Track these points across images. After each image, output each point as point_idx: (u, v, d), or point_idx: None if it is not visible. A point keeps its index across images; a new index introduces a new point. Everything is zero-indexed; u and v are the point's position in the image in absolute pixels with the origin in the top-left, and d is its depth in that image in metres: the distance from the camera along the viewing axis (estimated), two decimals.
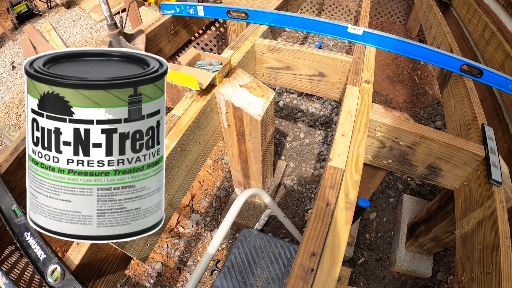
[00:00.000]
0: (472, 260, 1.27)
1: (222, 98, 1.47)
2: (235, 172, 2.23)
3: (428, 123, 3.42)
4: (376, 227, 2.59)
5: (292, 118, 3.56)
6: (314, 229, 0.95)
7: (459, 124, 1.76)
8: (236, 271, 1.63)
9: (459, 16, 3.06)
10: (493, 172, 1.30)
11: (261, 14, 2.01)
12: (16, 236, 1.16)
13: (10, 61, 5.39)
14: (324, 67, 1.80)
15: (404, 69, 4.05)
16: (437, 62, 1.77)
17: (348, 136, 1.25)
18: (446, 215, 1.78)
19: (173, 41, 2.48)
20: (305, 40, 4.86)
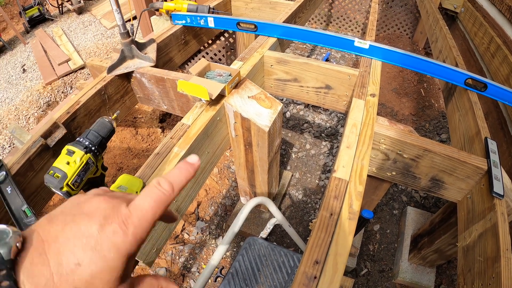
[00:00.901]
0: (473, 272, 1.29)
1: (231, 108, 1.50)
2: (241, 181, 2.26)
3: (433, 135, 3.43)
4: (380, 238, 2.60)
5: (299, 129, 3.59)
6: (318, 238, 0.98)
7: (463, 137, 1.78)
8: (240, 278, 1.65)
9: (465, 29, 3.09)
10: (495, 185, 1.32)
11: (270, 27, 2.05)
12: None
13: (21, 64, 5.48)
14: (331, 80, 1.83)
15: (410, 82, 4.08)
16: (442, 76, 1.80)
17: (353, 148, 1.28)
18: (449, 227, 1.79)
19: (183, 50, 2.53)
20: (312, 52, 4.91)
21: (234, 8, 3.08)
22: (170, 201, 0.47)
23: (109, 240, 0.41)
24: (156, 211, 0.45)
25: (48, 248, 0.39)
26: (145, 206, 0.44)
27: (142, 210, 0.44)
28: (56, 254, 0.39)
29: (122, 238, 0.42)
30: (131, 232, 0.42)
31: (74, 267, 0.38)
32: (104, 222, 0.42)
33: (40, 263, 0.38)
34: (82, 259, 0.39)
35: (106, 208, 0.44)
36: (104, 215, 0.43)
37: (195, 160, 0.51)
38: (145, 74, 1.88)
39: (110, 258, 0.41)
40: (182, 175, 0.49)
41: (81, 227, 0.41)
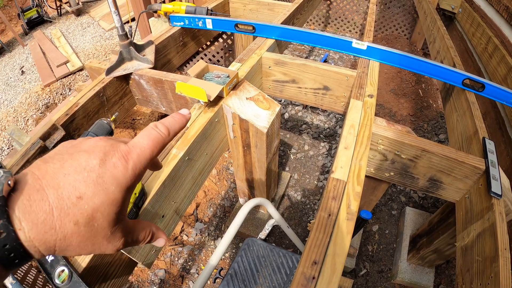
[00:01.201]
0: (472, 271, 1.29)
1: (229, 110, 1.51)
2: (240, 183, 2.26)
3: (432, 136, 3.44)
4: (379, 239, 2.61)
5: (297, 130, 3.59)
6: (316, 239, 0.98)
7: (461, 137, 1.79)
8: (239, 279, 1.65)
9: (463, 30, 3.10)
10: (493, 184, 1.32)
11: (268, 28, 2.05)
12: None
13: (20, 66, 5.47)
14: (329, 81, 1.84)
15: (408, 83, 4.09)
16: (440, 77, 1.80)
17: (351, 149, 1.28)
18: (447, 227, 1.80)
19: (181, 52, 2.53)
20: (311, 53, 4.92)
21: (232, 9, 3.09)
22: (166, 143, 0.49)
23: (111, 174, 0.42)
24: (154, 149, 0.47)
25: (46, 184, 0.38)
26: (143, 144, 0.46)
27: (141, 147, 0.46)
28: (56, 189, 0.38)
29: (122, 171, 0.43)
30: (131, 166, 0.44)
31: (75, 201, 0.39)
32: (104, 157, 0.43)
33: (38, 199, 0.37)
34: (84, 192, 0.39)
35: (105, 145, 0.44)
36: (104, 151, 0.43)
37: (187, 112, 0.54)
38: (143, 76, 1.88)
39: (111, 191, 0.41)
40: (176, 122, 0.52)
41: (81, 162, 0.41)
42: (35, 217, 0.36)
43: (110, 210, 0.42)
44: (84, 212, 0.39)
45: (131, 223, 0.49)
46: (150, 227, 0.54)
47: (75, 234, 0.39)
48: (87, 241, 0.41)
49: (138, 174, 0.45)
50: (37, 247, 0.37)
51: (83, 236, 0.40)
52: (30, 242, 0.37)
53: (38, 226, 0.37)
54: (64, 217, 0.38)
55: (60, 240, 0.38)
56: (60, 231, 0.38)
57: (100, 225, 0.41)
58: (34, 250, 0.37)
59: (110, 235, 0.43)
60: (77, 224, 0.39)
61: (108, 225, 0.42)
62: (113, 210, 0.42)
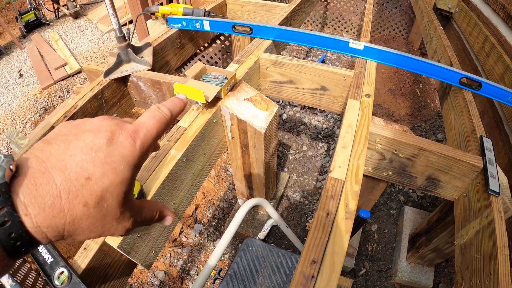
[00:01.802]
0: (471, 269, 1.29)
1: (227, 111, 1.51)
2: (238, 183, 2.26)
3: (430, 135, 3.45)
4: (378, 238, 2.61)
5: (295, 130, 3.60)
6: (315, 238, 0.98)
7: (459, 136, 1.79)
8: (238, 280, 1.65)
9: (460, 29, 3.11)
10: (491, 182, 1.33)
11: (265, 29, 2.06)
12: None
13: (18, 69, 5.47)
14: (326, 81, 1.84)
15: (406, 82, 4.10)
16: (437, 76, 1.81)
17: (349, 149, 1.29)
18: (446, 226, 1.80)
19: (179, 54, 2.54)
20: (308, 54, 4.93)
21: (229, 11, 3.09)
22: (168, 124, 0.51)
23: (119, 153, 0.41)
24: (159, 129, 0.48)
25: (52, 166, 0.37)
26: (149, 124, 0.47)
27: (147, 126, 0.46)
28: (62, 170, 0.37)
29: (130, 150, 0.43)
30: (138, 145, 0.44)
31: (84, 182, 0.38)
32: (112, 136, 0.42)
33: (44, 182, 0.36)
34: (92, 173, 0.39)
35: (110, 124, 0.44)
36: (110, 130, 0.43)
37: (184, 97, 0.56)
38: (141, 77, 1.88)
39: (120, 170, 0.41)
40: (176, 105, 0.53)
41: (88, 142, 0.40)
42: (41, 201, 0.35)
43: (119, 190, 0.41)
44: (94, 193, 0.38)
45: (138, 202, 0.49)
46: (157, 206, 0.54)
47: (85, 216, 0.39)
48: (97, 222, 0.40)
49: (145, 152, 0.45)
50: (44, 232, 0.36)
51: (93, 217, 0.39)
52: (37, 228, 0.36)
53: (45, 211, 0.36)
54: (73, 199, 0.37)
55: (69, 224, 0.38)
56: (69, 214, 0.37)
57: (110, 205, 0.41)
58: (41, 236, 0.36)
59: (120, 215, 0.43)
60: (86, 205, 0.38)
61: (118, 205, 0.42)
62: (122, 189, 0.42)
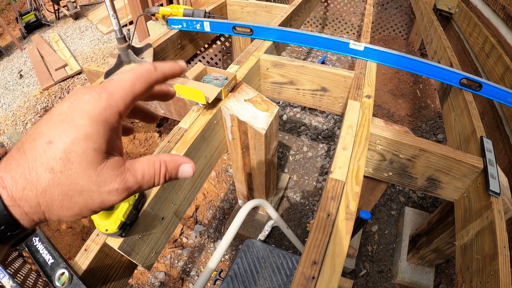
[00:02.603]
0: (472, 270, 1.29)
1: (228, 112, 1.51)
2: (239, 184, 2.27)
3: (430, 136, 3.45)
4: (378, 239, 2.61)
5: (296, 131, 3.60)
6: (316, 239, 0.98)
7: (459, 137, 1.79)
8: (239, 281, 1.65)
9: (460, 30, 3.11)
10: (491, 183, 1.33)
11: (265, 30, 2.06)
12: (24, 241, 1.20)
13: (18, 70, 5.46)
14: (327, 82, 1.84)
15: (406, 83, 4.10)
16: (437, 76, 1.81)
17: (349, 150, 1.29)
18: (446, 226, 1.80)
19: (179, 55, 2.54)
20: (308, 55, 4.93)
21: (230, 12, 3.10)
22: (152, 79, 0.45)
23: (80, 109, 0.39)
24: (134, 82, 0.43)
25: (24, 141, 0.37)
26: (123, 77, 0.43)
27: (120, 80, 0.42)
28: (30, 142, 0.37)
29: (93, 103, 0.39)
30: (104, 97, 0.40)
31: (46, 147, 0.37)
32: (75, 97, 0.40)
33: (17, 156, 0.36)
34: (53, 135, 0.37)
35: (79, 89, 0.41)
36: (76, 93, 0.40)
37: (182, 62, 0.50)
38: None
39: (80, 125, 0.38)
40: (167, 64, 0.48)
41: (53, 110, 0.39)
42: (14, 173, 0.36)
43: (85, 147, 0.38)
44: (57, 156, 0.37)
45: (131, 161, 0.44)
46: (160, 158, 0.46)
47: (54, 183, 0.36)
48: (70, 189, 0.38)
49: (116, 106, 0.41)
50: (21, 207, 0.36)
51: (63, 184, 0.37)
52: (13, 201, 0.35)
53: (18, 182, 0.35)
54: (38, 167, 0.36)
55: (41, 195, 0.36)
56: (38, 184, 0.36)
57: (79, 167, 0.38)
58: (19, 212, 0.36)
59: (97, 177, 0.39)
60: (52, 171, 0.36)
61: (88, 164, 0.38)
62: (89, 145, 0.38)
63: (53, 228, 2.61)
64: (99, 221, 0.95)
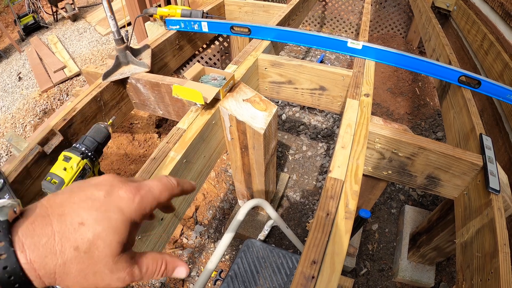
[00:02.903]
0: (472, 267, 1.29)
1: (226, 112, 1.51)
2: (238, 184, 2.26)
3: (429, 134, 3.45)
4: (379, 238, 2.61)
5: (295, 131, 3.59)
6: (315, 238, 0.98)
7: (458, 134, 1.79)
8: (239, 281, 1.65)
9: (458, 27, 3.11)
10: (491, 180, 1.33)
11: (263, 30, 2.06)
12: None
13: (17, 72, 5.47)
14: (325, 81, 1.84)
15: (405, 81, 4.10)
16: (436, 74, 1.80)
17: (348, 148, 1.29)
18: (447, 224, 1.80)
19: (178, 55, 2.54)
20: (307, 54, 4.92)
21: (227, 12, 3.10)
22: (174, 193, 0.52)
23: (115, 204, 0.43)
24: (162, 192, 0.49)
25: (52, 211, 0.40)
26: (153, 184, 0.49)
27: (150, 186, 0.48)
28: (60, 215, 0.40)
29: (127, 203, 0.44)
30: (137, 200, 0.45)
31: (77, 226, 0.40)
32: (111, 189, 0.44)
33: (43, 223, 0.39)
34: (86, 219, 0.40)
35: (113, 180, 0.46)
36: (111, 184, 0.45)
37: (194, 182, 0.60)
38: (140, 79, 1.88)
39: (114, 219, 0.42)
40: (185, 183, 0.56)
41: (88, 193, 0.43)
42: (37, 240, 0.38)
43: (112, 238, 0.42)
44: (85, 238, 0.40)
45: (139, 254, 0.49)
46: (163, 257, 0.52)
47: (75, 260, 0.40)
48: (87, 269, 0.41)
49: (144, 209, 0.46)
50: (36, 271, 0.38)
51: (83, 263, 0.40)
52: (30, 265, 0.37)
53: (39, 249, 0.38)
54: (65, 242, 0.39)
55: (60, 266, 0.39)
56: (60, 256, 0.39)
57: (101, 253, 0.41)
58: (33, 275, 0.38)
59: (113, 264, 0.43)
60: (77, 249, 0.39)
61: (110, 253, 0.42)
62: (115, 238, 0.42)
63: None
64: None
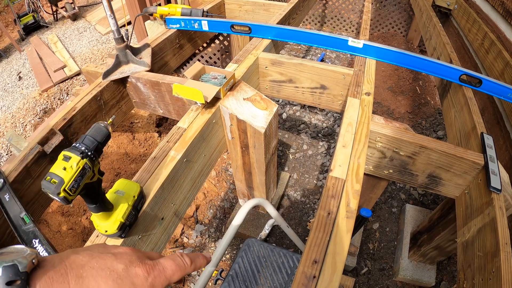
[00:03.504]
0: (473, 267, 1.29)
1: (227, 111, 1.51)
2: (239, 183, 2.26)
3: (430, 133, 3.44)
4: (379, 237, 2.61)
5: (295, 130, 3.59)
6: (316, 238, 0.98)
7: (459, 133, 1.79)
8: (240, 280, 1.65)
9: (459, 26, 3.10)
10: (492, 179, 1.32)
11: (263, 29, 2.05)
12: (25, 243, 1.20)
13: (17, 72, 5.46)
14: (326, 80, 1.84)
15: (406, 80, 4.09)
16: (437, 73, 1.80)
17: (349, 147, 1.28)
18: (448, 223, 1.80)
19: (178, 54, 2.53)
20: (307, 52, 4.92)
21: (228, 11, 3.09)
22: (186, 272, 0.55)
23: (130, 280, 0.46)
24: (175, 273, 0.52)
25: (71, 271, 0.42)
26: (167, 265, 0.52)
27: (164, 267, 0.51)
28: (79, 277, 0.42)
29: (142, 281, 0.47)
30: (150, 280, 0.48)
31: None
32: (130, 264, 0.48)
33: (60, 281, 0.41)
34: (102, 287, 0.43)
35: (133, 255, 0.50)
36: (130, 259, 0.48)
37: (208, 256, 0.62)
38: (140, 78, 1.88)
39: None
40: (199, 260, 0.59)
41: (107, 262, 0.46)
42: None
43: None
44: None
45: None
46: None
47: None
48: None
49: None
50: None
51: None
52: None
53: None
54: None
55: None
56: None
57: None
58: None
59: None
60: None
61: None
62: None
63: (54, 230, 2.60)
64: (98, 222, 0.95)
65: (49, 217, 2.65)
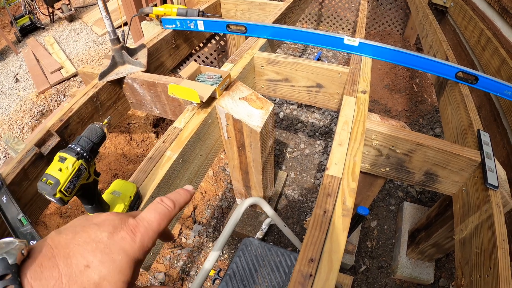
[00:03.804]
0: (471, 264, 1.29)
1: (222, 110, 1.50)
2: (236, 183, 2.26)
3: (427, 130, 3.45)
4: (377, 235, 2.61)
5: (292, 128, 3.59)
6: (312, 236, 0.98)
7: (456, 130, 1.79)
8: (237, 280, 1.65)
9: (455, 23, 3.10)
10: (489, 176, 1.32)
11: (259, 28, 2.05)
12: None
13: (14, 74, 5.44)
14: (322, 78, 1.84)
15: (403, 78, 4.09)
16: (433, 70, 1.80)
17: (345, 145, 1.28)
18: (445, 221, 1.80)
19: (174, 54, 2.53)
20: (304, 51, 4.91)
21: (224, 10, 3.09)
22: (172, 216, 0.52)
23: (118, 245, 0.45)
24: (160, 222, 0.50)
25: (57, 253, 0.42)
26: (151, 218, 0.50)
27: (148, 221, 0.49)
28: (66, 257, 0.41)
29: (130, 243, 0.46)
30: (138, 239, 0.47)
31: (83, 269, 0.41)
32: (113, 230, 0.46)
33: (50, 266, 0.40)
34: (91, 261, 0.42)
35: (115, 219, 0.48)
36: (113, 224, 0.47)
37: (191, 188, 0.59)
38: (136, 79, 1.87)
39: (118, 260, 0.44)
40: (181, 196, 0.56)
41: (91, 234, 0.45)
42: (45, 282, 0.39)
43: (117, 279, 0.44)
44: (91, 280, 0.41)
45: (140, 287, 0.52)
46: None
47: None
48: None
49: (146, 246, 0.48)
50: None
51: None
52: None
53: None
54: (72, 284, 0.40)
55: None
56: None
57: None
58: None
59: None
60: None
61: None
62: (120, 278, 0.44)
63: (53, 230, 2.60)
64: None
65: (47, 218, 2.64)
